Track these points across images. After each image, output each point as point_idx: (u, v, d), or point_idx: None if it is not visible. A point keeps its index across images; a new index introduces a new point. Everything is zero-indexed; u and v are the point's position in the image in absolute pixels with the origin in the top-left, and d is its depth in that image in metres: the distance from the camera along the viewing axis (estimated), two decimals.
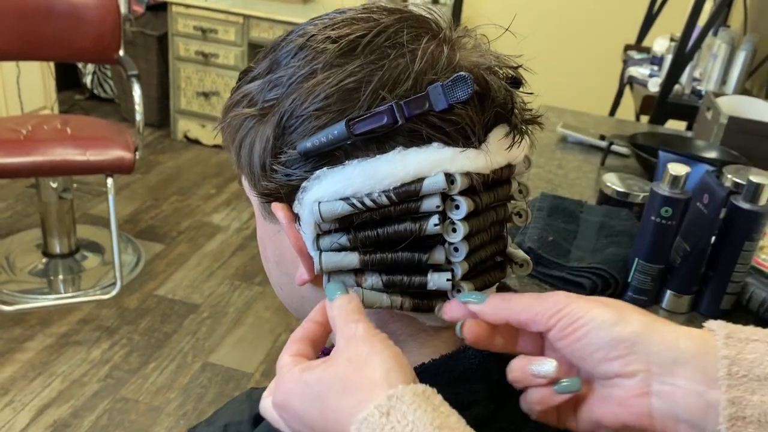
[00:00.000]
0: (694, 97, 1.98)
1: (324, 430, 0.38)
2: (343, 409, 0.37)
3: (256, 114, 0.45)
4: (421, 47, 0.43)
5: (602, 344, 0.39)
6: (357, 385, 0.37)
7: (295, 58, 0.44)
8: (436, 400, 0.37)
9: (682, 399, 0.37)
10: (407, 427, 0.35)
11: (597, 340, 0.39)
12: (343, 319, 0.41)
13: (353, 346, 0.39)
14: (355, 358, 0.38)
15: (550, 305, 0.41)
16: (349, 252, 0.45)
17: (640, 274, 0.87)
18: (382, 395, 0.36)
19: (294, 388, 0.40)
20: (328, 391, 0.38)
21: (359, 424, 0.35)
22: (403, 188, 0.42)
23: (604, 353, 0.39)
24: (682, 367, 0.38)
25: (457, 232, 0.44)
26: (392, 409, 0.35)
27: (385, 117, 0.41)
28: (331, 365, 0.39)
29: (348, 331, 0.40)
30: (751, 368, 0.36)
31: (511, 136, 0.45)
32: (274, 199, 0.45)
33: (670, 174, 0.82)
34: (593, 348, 0.40)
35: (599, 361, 0.40)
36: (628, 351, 0.39)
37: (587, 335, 0.40)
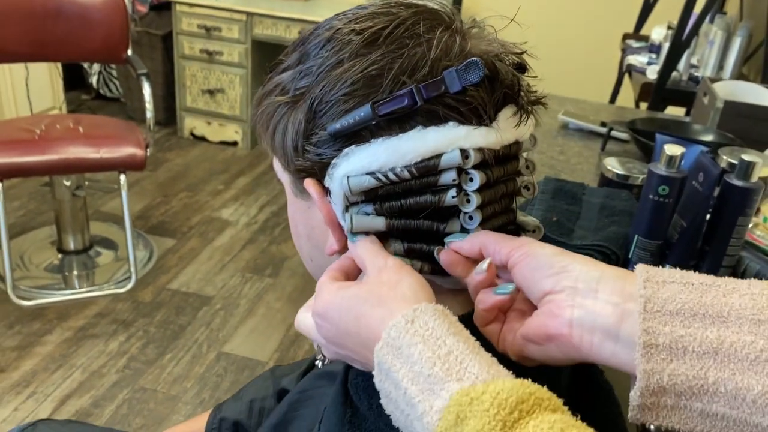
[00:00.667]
0: (691, 83, 2.02)
1: (357, 334, 0.46)
2: (376, 317, 0.44)
3: (289, 101, 0.50)
4: (436, 37, 0.48)
5: (541, 265, 0.46)
6: (390, 299, 0.45)
7: (323, 49, 0.49)
8: (452, 317, 0.44)
9: (601, 308, 0.42)
10: (428, 331, 0.41)
11: (538, 262, 0.46)
12: (374, 254, 0.48)
13: (386, 273, 0.47)
14: (388, 280, 0.46)
15: (515, 242, 0.48)
16: (376, 216, 0.50)
17: (640, 250, 0.92)
18: (410, 308, 0.43)
19: (332, 299, 0.47)
20: (363, 303, 0.45)
21: (389, 329, 0.42)
22: (423, 163, 0.48)
23: (542, 273, 0.45)
24: (603, 284, 0.43)
25: (471, 203, 0.49)
26: (416, 318, 0.42)
27: (405, 99, 0.46)
28: (366, 284, 0.47)
29: (379, 262, 0.48)
30: (664, 305, 0.41)
31: (519, 115, 0.50)
32: (307, 175, 0.50)
33: (666, 154, 0.87)
34: (534, 268, 0.46)
35: (537, 279, 0.46)
36: (560, 270, 0.45)
37: (533, 260, 0.46)
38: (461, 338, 0.41)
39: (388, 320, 0.43)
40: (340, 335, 0.47)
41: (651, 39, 2.41)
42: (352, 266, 0.51)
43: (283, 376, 0.93)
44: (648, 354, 0.40)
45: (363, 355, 0.45)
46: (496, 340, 0.48)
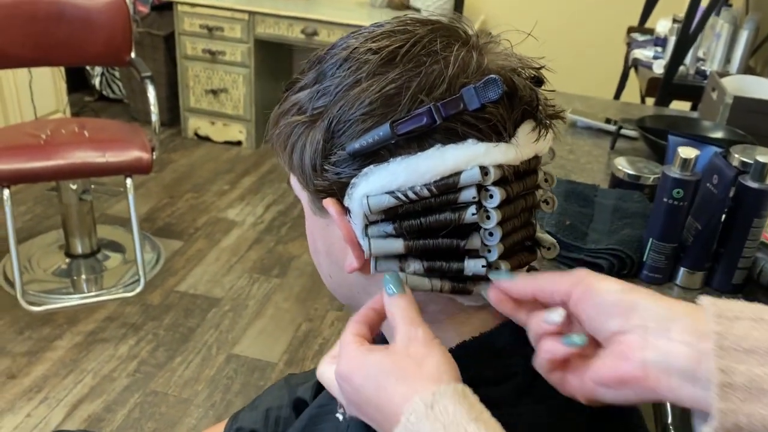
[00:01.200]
0: (698, 77, 2.01)
1: (377, 406, 0.45)
2: (398, 393, 0.44)
3: (306, 120, 0.50)
4: (453, 54, 0.47)
5: (608, 304, 0.44)
6: (414, 376, 0.44)
7: (340, 69, 0.49)
8: (472, 398, 0.43)
9: (676, 349, 0.41)
10: (448, 417, 0.41)
11: (605, 301, 0.45)
12: (405, 320, 0.47)
13: (414, 346, 0.46)
14: (415, 354, 0.45)
15: (573, 278, 0.47)
16: (394, 239, 0.49)
17: (655, 253, 0.92)
18: (429, 391, 0.42)
19: (356, 364, 0.47)
20: (386, 376, 0.45)
21: (409, 414, 0.42)
22: (443, 181, 0.47)
23: (608, 311, 0.44)
24: (675, 323, 0.42)
25: (491, 219, 0.48)
26: (435, 403, 0.42)
27: (424, 118, 0.46)
28: (393, 354, 0.46)
29: (410, 332, 0.47)
30: (738, 342, 0.40)
31: (537, 130, 0.49)
32: (326, 195, 0.50)
33: (680, 157, 0.86)
34: (600, 308, 0.45)
35: (604, 318, 0.45)
36: (628, 309, 0.44)
37: (598, 297, 0.45)
38: (482, 424, 0.41)
39: (410, 398, 0.42)
40: (361, 402, 0.47)
41: (656, 32, 2.40)
42: (374, 319, 0.51)
43: (299, 384, 0.93)
44: (724, 393, 0.38)
45: (383, 427, 0.45)
46: (560, 385, 0.48)
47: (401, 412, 0.42)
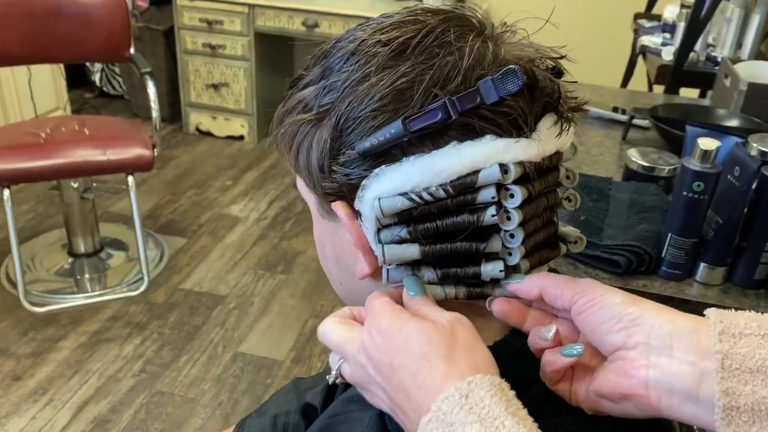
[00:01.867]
0: (709, 63, 1.96)
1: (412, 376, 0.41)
2: (440, 371, 0.40)
3: (312, 119, 0.47)
4: (467, 45, 0.44)
5: (609, 317, 0.43)
6: (462, 359, 0.41)
7: (347, 63, 0.45)
8: (510, 393, 0.40)
9: (677, 368, 0.40)
10: (484, 409, 0.38)
11: (606, 314, 0.43)
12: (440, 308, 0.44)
13: (461, 330, 0.43)
14: (464, 340, 0.42)
15: (577, 287, 0.45)
16: (409, 244, 0.46)
17: (674, 249, 0.88)
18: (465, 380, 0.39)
19: (402, 324, 0.43)
20: (435, 349, 0.41)
21: (440, 401, 0.39)
22: (460, 181, 0.44)
23: (609, 325, 0.43)
24: (678, 341, 0.40)
25: (511, 220, 0.45)
26: (471, 393, 0.39)
27: (439, 113, 0.43)
28: (441, 329, 0.42)
29: (452, 314, 0.44)
30: (743, 361, 0.38)
31: (559, 124, 0.46)
32: (336, 198, 0.47)
33: (700, 149, 0.83)
34: (602, 320, 0.43)
35: (606, 332, 0.43)
36: (631, 324, 0.42)
37: (600, 310, 0.43)
38: (520, 418, 0.38)
39: (452, 377, 0.39)
40: (393, 365, 0.42)
41: (664, 18, 2.35)
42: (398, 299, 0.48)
43: (307, 389, 0.90)
44: (728, 417, 0.37)
45: (409, 400, 0.41)
46: (568, 396, 0.46)
47: (440, 390, 0.39)
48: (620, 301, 0.43)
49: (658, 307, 0.42)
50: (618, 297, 0.43)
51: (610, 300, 0.43)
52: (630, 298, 0.43)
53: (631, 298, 0.43)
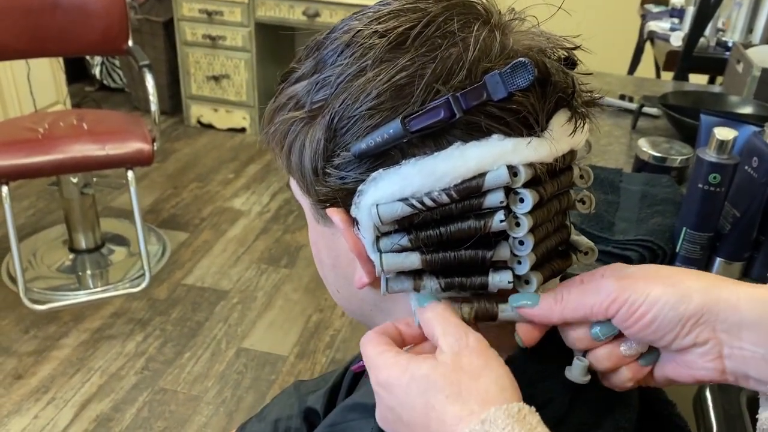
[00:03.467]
0: (719, 49, 1.92)
1: (425, 426, 0.38)
2: (451, 414, 0.37)
3: (305, 116, 0.43)
4: (473, 35, 0.40)
5: (670, 326, 0.40)
6: (471, 393, 0.37)
7: (341, 55, 0.42)
8: (533, 420, 0.36)
9: (751, 360, 0.39)
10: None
11: (665, 324, 0.40)
12: (450, 326, 0.40)
13: (466, 355, 0.39)
14: (469, 367, 0.38)
15: (603, 297, 0.41)
16: (410, 252, 0.43)
17: (689, 243, 0.85)
18: (478, 418, 0.35)
19: (399, 375, 0.39)
20: (437, 392, 0.38)
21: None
22: (464, 185, 0.40)
23: (673, 333, 0.40)
24: (747, 331, 0.39)
25: (521, 226, 0.42)
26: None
27: (441, 111, 0.39)
28: (441, 366, 0.39)
29: (460, 339, 0.40)
30: None
31: (574, 120, 0.43)
32: (330, 205, 0.44)
33: (716, 139, 0.79)
34: (662, 331, 0.40)
35: (671, 340, 0.40)
36: (695, 325, 0.40)
37: (654, 321, 0.40)
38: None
39: (464, 419, 0.36)
40: (403, 420, 0.40)
41: (672, 2, 2.30)
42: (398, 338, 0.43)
43: (309, 393, 0.87)
44: None
45: None
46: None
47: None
48: (671, 302, 0.39)
49: (715, 293, 0.39)
50: (663, 295, 0.39)
51: (657, 304, 0.40)
52: (677, 292, 0.39)
53: (677, 290, 0.40)
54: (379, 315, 0.50)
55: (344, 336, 2.07)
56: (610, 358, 0.43)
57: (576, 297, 0.42)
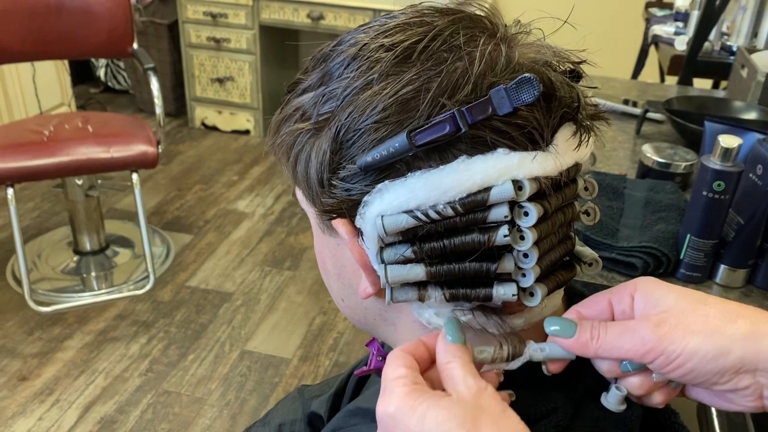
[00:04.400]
0: (724, 53, 1.91)
1: None
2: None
3: (311, 128, 0.44)
4: (478, 49, 0.41)
5: (709, 376, 0.40)
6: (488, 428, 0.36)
7: (348, 68, 0.42)
8: None
9: None
10: None
11: (703, 374, 0.40)
12: (469, 371, 0.39)
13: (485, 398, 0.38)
14: (489, 408, 0.38)
15: (639, 344, 0.40)
16: (414, 264, 0.43)
17: (693, 251, 0.85)
18: None
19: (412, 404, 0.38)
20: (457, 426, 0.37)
21: None
22: (470, 198, 0.41)
23: (711, 382, 0.40)
24: None
25: (525, 240, 0.42)
26: None
27: (447, 125, 0.39)
28: (462, 402, 0.38)
29: (478, 383, 0.39)
30: None
31: (578, 134, 0.43)
32: (336, 215, 0.44)
33: (721, 146, 0.79)
34: (700, 379, 0.40)
35: (709, 386, 0.41)
36: (735, 374, 0.39)
37: (691, 371, 0.40)
38: None
39: None
40: None
41: (676, 6, 2.30)
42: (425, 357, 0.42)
43: (313, 397, 0.87)
44: None
45: None
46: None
47: None
48: (710, 356, 0.39)
49: (755, 343, 0.39)
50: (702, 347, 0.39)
51: (695, 357, 0.39)
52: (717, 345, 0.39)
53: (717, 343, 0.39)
54: (383, 324, 0.51)
55: (347, 339, 2.07)
56: (642, 386, 0.43)
57: (612, 339, 0.41)
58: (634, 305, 0.43)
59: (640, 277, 0.45)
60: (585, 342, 0.42)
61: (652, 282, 0.43)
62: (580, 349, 0.42)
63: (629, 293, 0.43)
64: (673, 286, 0.43)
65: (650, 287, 0.43)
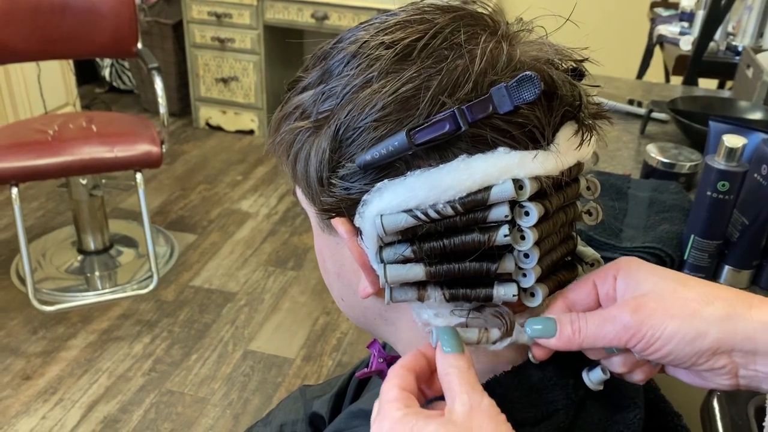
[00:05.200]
0: (729, 53, 1.90)
1: None
2: None
3: (311, 127, 0.43)
4: (479, 47, 0.40)
5: (687, 358, 0.41)
6: None
7: (347, 66, 0.42)
8: None
9: (764, 378, 0.40)
10: None
11: (681, 356, 0.40)
12: (465, 385, 0.39)
13: (478, 417, 0.38)
14: (480, 428, 0.37)
15: (620, 330, 0.41)
16: (414, 264, 0.43)
17: (697, 251, 0.84)
18: None
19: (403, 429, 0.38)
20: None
21: None
22: (470, 198, 0.40)
23: (690, 363, 0.41)
24: (762, 357, 0.40)
25: (526, 240, 0.41)
26: None
27: (447, 124, 0.39)
28: (450, 425, 0.37)
29: (472, 399, 0.38)
30: None
31: (580, 133, 0.42)
32: (335, 214, 0.44)
33: (725, 146, 0.79)
34: (678, 361, 0.41)
35: (687, 366, 0.41)
36: (711, 355, 0.40)
37: (670, 353, 0.41)
38: None
39: None
40: None
41: (681, 6, 2.29)
42: (425, 369, 0.42)
43: (314, 398, 0.87)
44: None
45: None
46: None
47: None
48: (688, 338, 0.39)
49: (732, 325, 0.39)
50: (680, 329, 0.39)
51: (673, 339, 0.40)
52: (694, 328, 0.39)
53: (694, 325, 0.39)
54: (384, 324, 0.50)
55: (351, 339, 2.07)
56: (624, 364, 0.44)
57: (594, 330, 0.42)
58: (617, 287, 0.44)
59: (622, 257, 0.45)
60: (568, 338, 0.42)
61: (634, 263, 0.44)
62: (565, 345, 0.42)
63: (612, 275, 0.44)
64: (655, 267, 0.43)
65: (632, 268, 0.43)
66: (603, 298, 0.44)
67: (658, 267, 0.43)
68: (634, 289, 0.42)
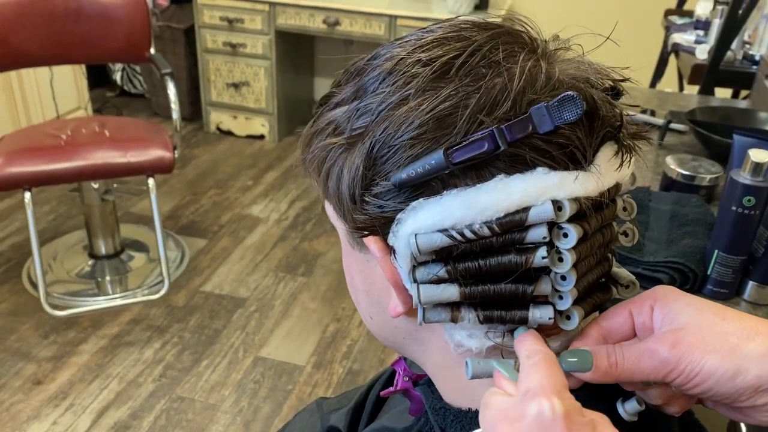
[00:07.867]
0: (746, 62, 1.89)
1: None
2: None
3: (344, 143, 0.43)
4: (518, 65, 0.40)
5: (727, 394, 0.40)
6: None
7: (383, 83, 0.41)
8: None
9: None
10: None
11: (721, 392, 0.39)
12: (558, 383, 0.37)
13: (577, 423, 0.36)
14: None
15: (658, 365, 0.40)
16: (448, 284, 0.42)
17: (721, 266, 0.83)
18: None
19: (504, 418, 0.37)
20: None
21: None
22: (507, 218, 0.39)
23: (730, 401, 0.40)
24: None
25: (564, 262, 0.41)
26: None
27: (485, 143, 0.38)
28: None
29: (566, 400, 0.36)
30: None
31: (620, 154, 0.42)
32: (368, 232, 0.43)
33: (752, 161, 0.78)
34: (719, 397, 0.40)
35: (728, 403, 0.40)
36: (753, 392, 0.39)
37: (710, 390, 0.40)
38: None
39: None
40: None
41: (696, 14, 2.28)
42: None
43: (331, 411, 0.86)
44: None
45: None
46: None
47: None
48: (727, 375, 0.38)
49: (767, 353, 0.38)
50: (720, 367, 0.38)
51: (713, 377, 0.39)
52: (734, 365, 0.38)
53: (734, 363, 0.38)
54: (413, 344, 0.50)
55: (361, 346, 2.06)
56: (661, 396, 0.43)
57: (631, 365, 0.41)
58: (654, 317, 0.43)
59: (659, 287, 0.44)
60: (604, 372, 0.41)
61: (671, 293, 0.43)
62: (600, 379, 0.41)
63: (649, 305, 0.43)
64: (692, 298, 0.42)
65: (669, 299, 0.43)
66: (639, 328, 0.43)
67: (695, 297, 0.42)
68: (672, 321, 0.41)
